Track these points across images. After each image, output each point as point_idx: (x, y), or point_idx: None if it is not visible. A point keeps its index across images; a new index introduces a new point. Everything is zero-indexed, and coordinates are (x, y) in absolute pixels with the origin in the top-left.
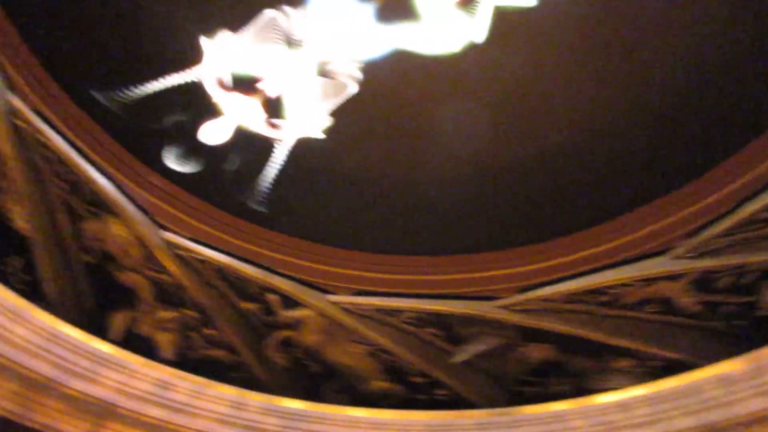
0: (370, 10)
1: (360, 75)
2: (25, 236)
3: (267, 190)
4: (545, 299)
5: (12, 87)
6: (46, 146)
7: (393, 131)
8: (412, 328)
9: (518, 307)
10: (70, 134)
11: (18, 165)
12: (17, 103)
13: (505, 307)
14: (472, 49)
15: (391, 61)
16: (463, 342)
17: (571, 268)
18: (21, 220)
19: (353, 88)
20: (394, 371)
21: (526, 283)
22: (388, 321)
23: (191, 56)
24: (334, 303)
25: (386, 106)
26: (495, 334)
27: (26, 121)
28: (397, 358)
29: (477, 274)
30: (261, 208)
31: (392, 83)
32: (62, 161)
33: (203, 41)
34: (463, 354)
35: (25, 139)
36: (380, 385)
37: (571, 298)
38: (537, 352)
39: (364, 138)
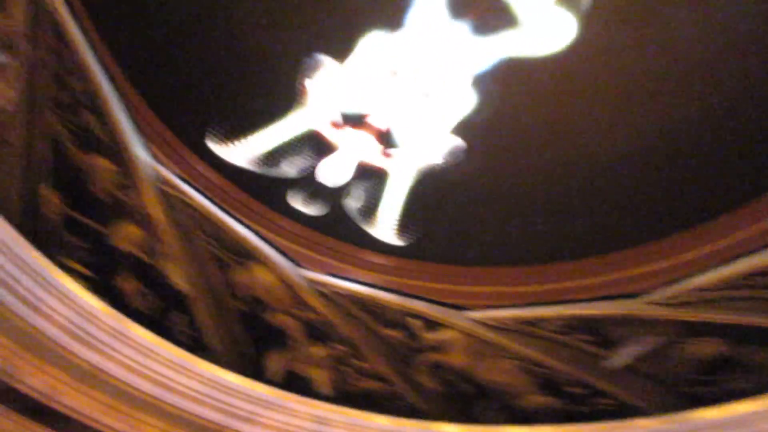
0: (466, 25)
1: (471, 91)
2: (183, 293)
3: (394, 220)
4: (701, 288)
5: (155, 157)
6: (190, 206)
7: (513, 140)
8: (560, 337)
9: (672, 301)
10: (207, 192)
11: (169, 227)
12: (161, 170)
13: (656, 303)
14: (579, 42)
15: (501, 71)
16: (618, 345)
17: (726, 252)
18: (178, 278)
19: (466, 106)
20: (550, 384)
21: (677, 275)
22: (534, 332)
23: (299, 100)
24: (475, 320)
25: (504, 116)
26: (652, 333)
27: (171, 185)
28: (550, 370)
29: (621, 273)
30: (391, 239)
31: (505, 92)
32: (206, 218)
33: (308, 83)
34: (621, 358)
35: (172, 203)
36: (537, 399)
37: (733, 284)
38: (705, 348)
39: (486, 152)
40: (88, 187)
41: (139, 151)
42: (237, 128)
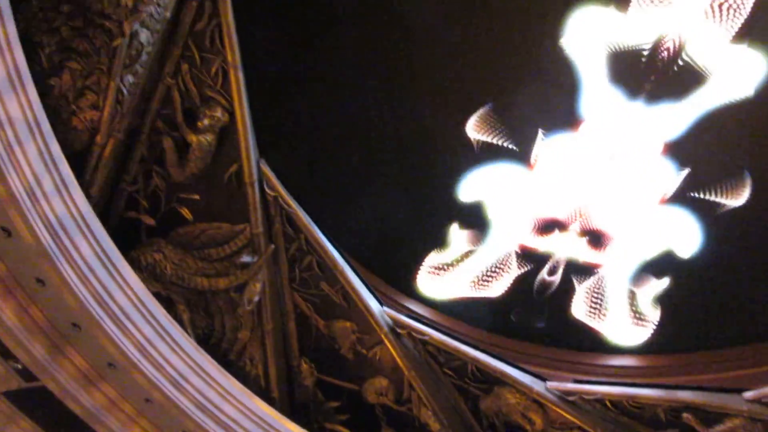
0: (644, 100)
1: (672, 162)
2: None
3: (626, 317)
4: None
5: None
6: (428, 343)
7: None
8: None
9: None
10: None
11: (413, 370)
12: (395, 315)
13: None
14: None
15: (698, 130)
16: None
17: None
18: (431, 419)
19: (669, 179)
20: None
21: None
22: None
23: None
24: (759, 401)
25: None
26: None
27: (408, 327)
28: None
29: None
30: (627, 338)
31: (708, 150)
32: (444, 352)
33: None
34: None
35: (409, 345)
36: None
37: None
38: None
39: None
40: (335, 350)
41: (372, 303)
42: (443, 264)
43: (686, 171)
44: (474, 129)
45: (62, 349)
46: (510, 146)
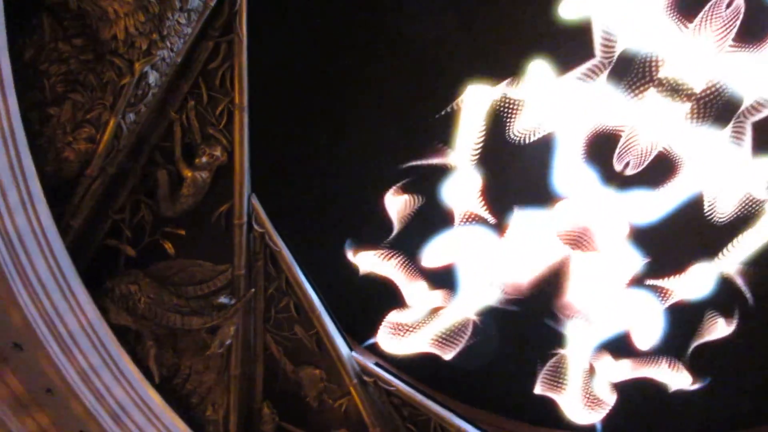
0: (614, 189)
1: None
2: None
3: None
4: None
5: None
6: (391, 394)
7: None
8: None
9: None
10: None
11: (378, 429)
12: (360, 361)
13: None
14: None
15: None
16: None
17: None
18: None
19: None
20: None
21: None
22: None
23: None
24: None
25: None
26: None
27: (372, 375)
28: None
29: None
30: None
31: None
32: (409, 405)
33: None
34: None
35: (373, 397)
36: None
37: None
38: None
39: None
40: (301, 397)
41: (344, 350)
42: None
43: (647, 260)
44: (451, 197)
45: None
46: (487, 217)
